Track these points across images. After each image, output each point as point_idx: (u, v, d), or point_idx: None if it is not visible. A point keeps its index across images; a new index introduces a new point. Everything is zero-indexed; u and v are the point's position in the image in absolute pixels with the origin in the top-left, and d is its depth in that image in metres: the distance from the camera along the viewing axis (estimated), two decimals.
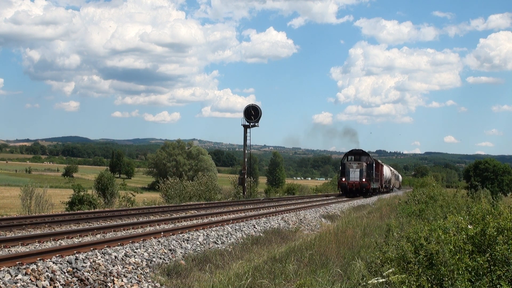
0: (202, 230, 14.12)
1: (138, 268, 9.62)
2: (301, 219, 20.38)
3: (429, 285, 6.50)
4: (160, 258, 10.61)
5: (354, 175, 43.70)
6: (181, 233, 13.51)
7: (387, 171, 62.58)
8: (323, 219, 22.06)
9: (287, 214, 21.08)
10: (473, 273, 6.49)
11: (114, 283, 8.49)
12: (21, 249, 10.82)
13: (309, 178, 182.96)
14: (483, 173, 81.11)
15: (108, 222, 16.70)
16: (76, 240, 12.41)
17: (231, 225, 15.93)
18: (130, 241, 11.55)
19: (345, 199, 39.94)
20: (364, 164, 44.50)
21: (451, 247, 6.65)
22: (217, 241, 13.37)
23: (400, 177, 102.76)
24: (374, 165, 47.39)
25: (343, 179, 44.08)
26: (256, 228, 16.13)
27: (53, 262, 8.50)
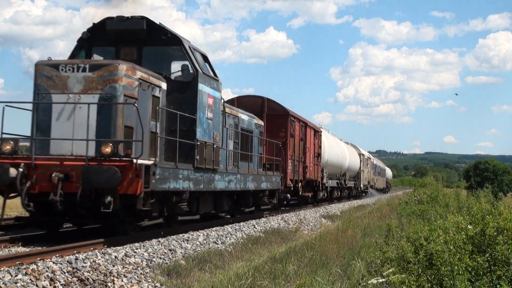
0: (202, 230, 14.12)
1: (138, 268, 9.61)
2: (301, 219, 20.38)
3: (429, 285, 6.50)
4: (160, 258, 10.60)
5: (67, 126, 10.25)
6: (181, 233, 13.50)
7: (344, 151, 33.79)
8: (323, 219, 22.06)
9: (287, 214, 21.08)
10: (473, 273, 6.49)
11: (114, 283, 8.49)
12: (21, 249, 10.82)
13: None
14: (483, 173, 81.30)
15: None
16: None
17: (231, 225, 15.93)
18: (130, 241, 11.54)
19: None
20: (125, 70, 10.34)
21: (451, 247, 6.66)
22: (217, 241, 13.36)
23: (388, 171, 76.57)
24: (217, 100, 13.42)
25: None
26: (256, 228, 16.12)
27: (53, 262, 8.49)
